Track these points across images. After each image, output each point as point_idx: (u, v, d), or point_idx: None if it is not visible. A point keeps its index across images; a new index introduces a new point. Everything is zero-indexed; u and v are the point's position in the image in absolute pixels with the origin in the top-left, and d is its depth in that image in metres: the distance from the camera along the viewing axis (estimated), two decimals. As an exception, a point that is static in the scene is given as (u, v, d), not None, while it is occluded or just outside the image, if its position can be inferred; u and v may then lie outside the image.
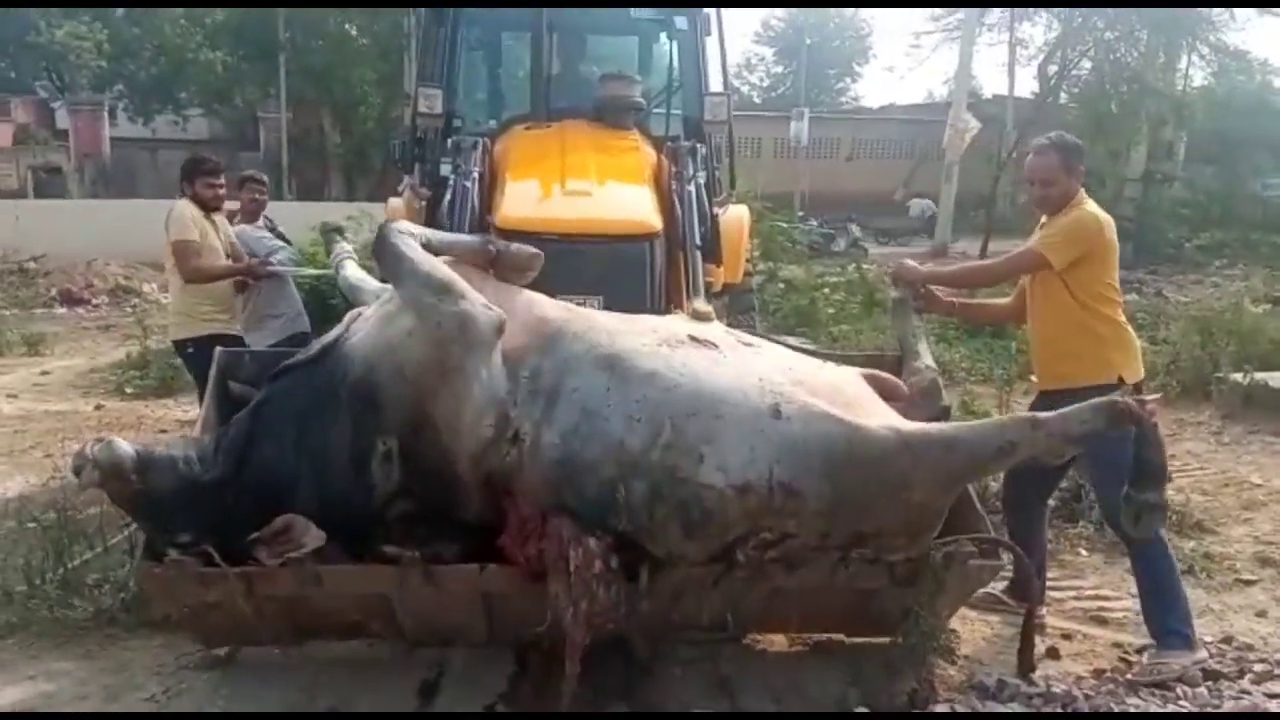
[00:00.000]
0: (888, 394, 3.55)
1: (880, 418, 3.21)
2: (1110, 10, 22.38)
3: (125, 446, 3.02)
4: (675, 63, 5.87)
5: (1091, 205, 3.89)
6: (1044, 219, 3.99)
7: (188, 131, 24.30)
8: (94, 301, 13.70)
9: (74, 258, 14.60)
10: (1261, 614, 4.23)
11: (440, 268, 3.22)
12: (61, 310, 13.17)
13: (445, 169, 4.88)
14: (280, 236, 6.28)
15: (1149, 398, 3.14)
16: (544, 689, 3.30)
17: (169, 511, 3.08)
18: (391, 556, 3.07)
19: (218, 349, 4.08)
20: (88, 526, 4.33)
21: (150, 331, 9.04)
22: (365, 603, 3.21)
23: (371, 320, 3.32)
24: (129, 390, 8.18)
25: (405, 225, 3.51)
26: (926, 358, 3.89)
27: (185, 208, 5.40)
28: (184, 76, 22.32)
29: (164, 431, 6.63)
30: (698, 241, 4.53)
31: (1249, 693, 3.37)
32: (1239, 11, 24.64)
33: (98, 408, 7.65)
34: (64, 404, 7.83)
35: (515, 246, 3.61)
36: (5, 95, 23.83)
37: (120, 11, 21.65)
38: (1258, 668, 3.54)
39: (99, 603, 3.93)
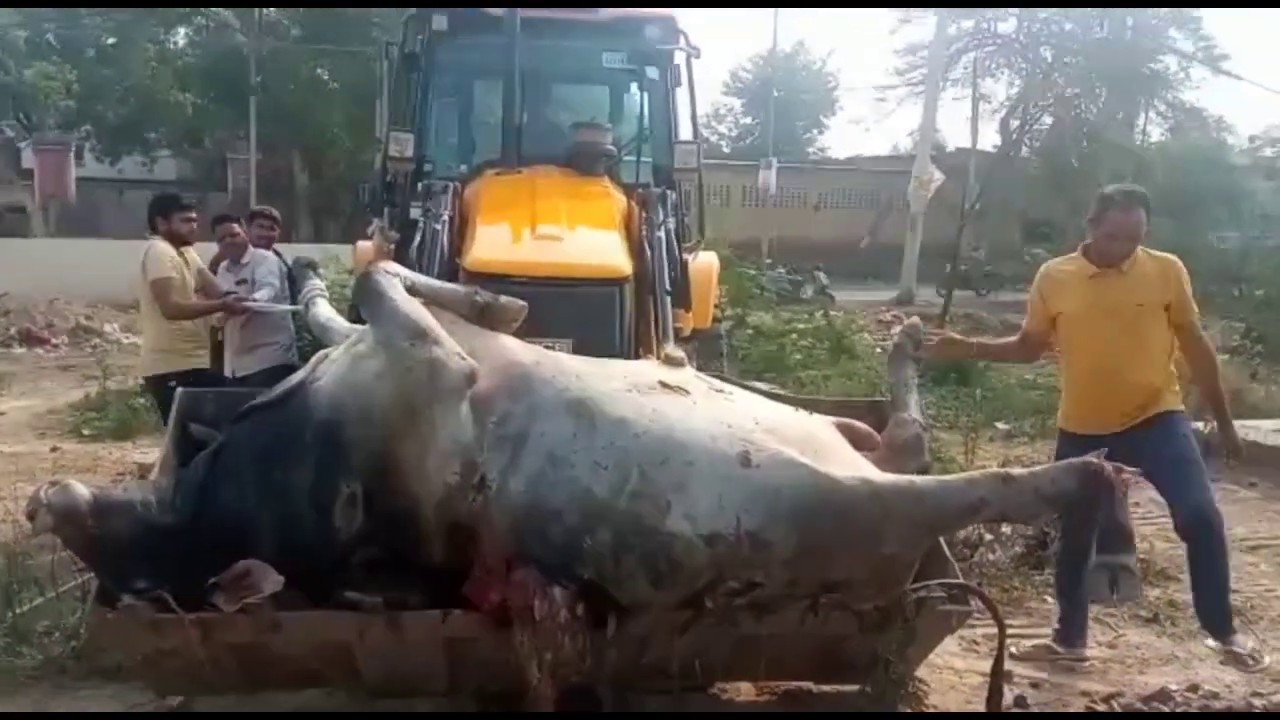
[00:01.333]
0: (860, 443, 3.53)
1: (851, 467, 3.18)
2: (1070, 67, 23.00)
3: (81, 490, 2.94)
4: (646, 111, 5.93)
5: (1155, 252, 4.06)
6: (1092, 268, 4.04)
7: (155, 172, 24.14)
8: (54, 341, 13.49)
9: (36, 297, 14.42)
10: (1226, 662, 4.23)
11: (419, 312, 3.21)
12: (20, 350, 12.94)
13: (415, 212, 4.88)
14: (288, 272, 6.25)
15: (1127, 469, 3.10)
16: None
17: (125, 557, 3.00)
18: (353, 602, 3.00)
19: (179, 390, 4.01)
20: (38, 572, 4.21)
21: (110, 372, 8.89)
22: (325, 651, 3.12)
23: (340, 362, 3.28)
24: (86, 432, 8.04)
25: (392, 266, 3.50)
26: (914, 410, 3.82)
27: (161, 246, 5.50)
28: (153, 118, 22.22)
29: (122, 474, 6.50)
30: (668, 287, 4.54)
31: (1216, 742, 3.37)
32: (1193, 70, 25.50)
33: (54, 449, 7.50)
34: (19, 445, 7.67)
35: (503, 300, 3.59)
36: (-30, 136, 23.58)
37: (91, 52, 21.57)
38: (1224, 717, 3.54)
39: (48, 651, 3.82)
